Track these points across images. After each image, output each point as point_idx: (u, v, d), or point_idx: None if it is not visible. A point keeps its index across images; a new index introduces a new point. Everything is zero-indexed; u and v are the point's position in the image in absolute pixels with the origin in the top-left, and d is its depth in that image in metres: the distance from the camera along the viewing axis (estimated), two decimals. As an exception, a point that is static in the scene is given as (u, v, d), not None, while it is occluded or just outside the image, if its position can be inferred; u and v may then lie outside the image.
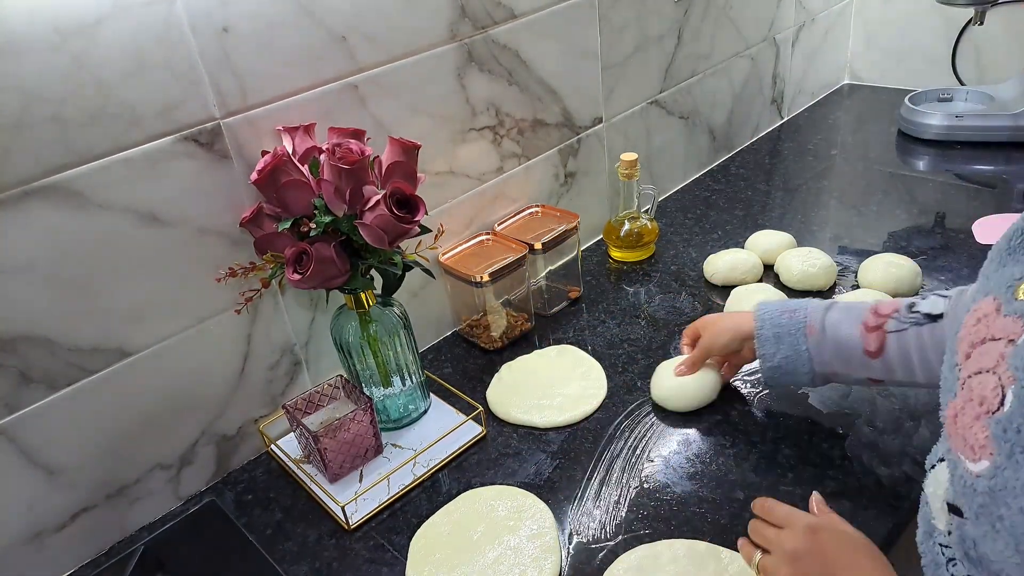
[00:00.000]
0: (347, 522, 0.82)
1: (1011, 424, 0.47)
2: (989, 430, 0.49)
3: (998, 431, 0.48)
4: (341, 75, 0.87)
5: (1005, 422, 0.47)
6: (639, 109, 1.32)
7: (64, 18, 0.67)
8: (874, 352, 0.75)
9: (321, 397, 0.92)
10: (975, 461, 0.50)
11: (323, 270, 0.78)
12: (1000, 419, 0.48)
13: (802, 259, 1.11)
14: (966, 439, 0.51)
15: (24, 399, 0.74)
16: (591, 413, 0.94)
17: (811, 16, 1.68)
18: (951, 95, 1.58)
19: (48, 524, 0.79)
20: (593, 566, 0.74)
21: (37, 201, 0.69)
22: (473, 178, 1.08)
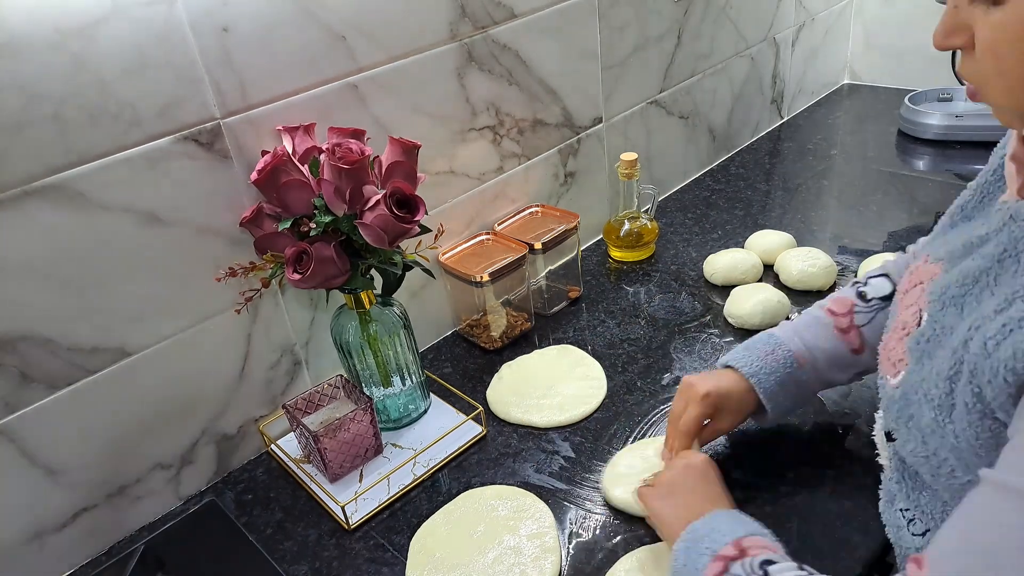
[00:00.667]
0: (347, 522, 0.82)
1: (923, 336, 0.56)
2: (906, 346, 0.58)
3: (912, 344, 0.57)
4: (341, 75, 0.87)
5: (918, 336, 0.57)
6: (639, 109, 1.32)
7: (64, 18, 0.67)
8: (858, 348, 0.78)
9: (321, 397, 0.92)
10: (895, 375, 0.58)
11: (323, 270, 0.78)
12: (915, 335, 0.57)
13: (802, 259, 1.11)
14: (889, 357, 0.60)
15: (24, 399, 0.74)
16: (591, 413, 0.94)
17: (811, 16, 1.68)
18: (951, 95, 1.58)
19: (48, 524, 0.79)
20: (593, 566, 0.74)
21: (37, 201, 0.69)
22: (473, 178, 1.08)
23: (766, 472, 0.82)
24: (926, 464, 0.58)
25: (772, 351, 0.78)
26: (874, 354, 0.76)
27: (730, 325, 1.06)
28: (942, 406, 0.53)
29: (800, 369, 0.78)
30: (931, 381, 0.54)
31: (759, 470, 0.82)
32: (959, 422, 0.52)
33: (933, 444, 0.56)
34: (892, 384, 0.59)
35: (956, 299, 0.55)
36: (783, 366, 0.78)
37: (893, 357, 0.60)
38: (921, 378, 0.55)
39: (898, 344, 0.60)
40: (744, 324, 1.04)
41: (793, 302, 1.08)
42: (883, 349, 0.63)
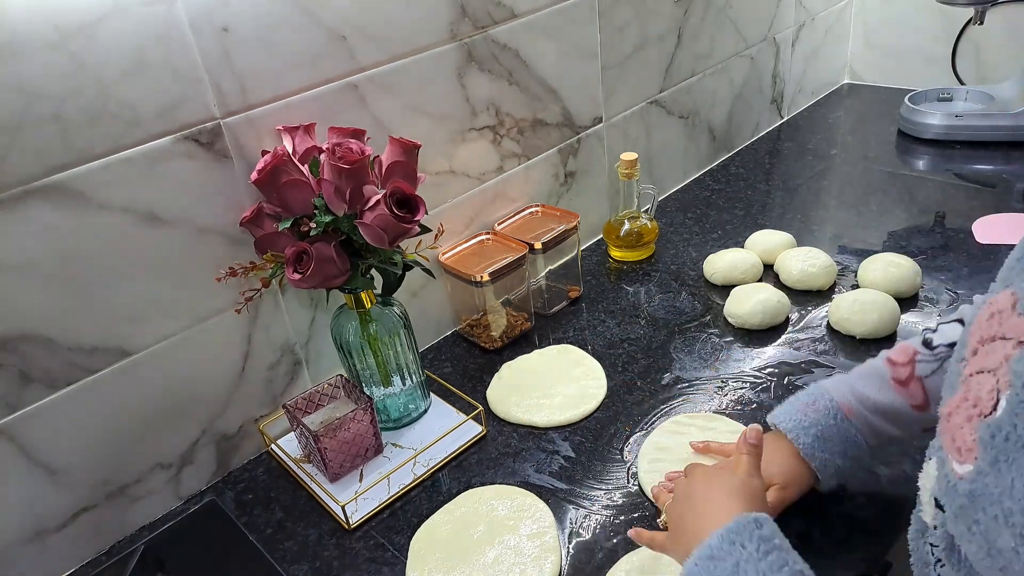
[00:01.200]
0: (347, 521, 0.82)
1: (1000, 430, 0.46)
2: (978, 433, 0.47)
3: (986, 435, 0.46)
4: (341, 75, 0.87)
5: (994, 427, 0.46)
6: (639, 109, 1.32)
7: (64, 17, 0.67)
8: (921, 404, 0.70)
9: (321, 396, 0.92)
10: (961, 463, 0.49)
11: (323, 270, 0.78)
12: (990, 423, 0.46)
13: (802, 259, 1.11)
14: (955, 439, 0.50)
15: (24, 398, 0.74)
16: (591, 412, 0.94)
17: (811, 16, 1.68)
18: (951, 95, 1.58)
19: (48, 523, 0.79)
20: (593, 565, 0.74)
21: (37, 201, 0.69)
22: (473, 178, 1.08)
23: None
24: (988, 570, 0.49)
25: (813, 402, 0.73)
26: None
27: (730, 325, 1.06)
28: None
29: (847, 421, 0.71)
30: (1013, 501, 0.44)
31: (759, 470, 0.82)
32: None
33: (1002, 561, 0.46)
34: (956, 472, 0.49)
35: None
36: (825, 416, 0.71)
37: (959, 440, 0.49)
38: (999, 489, 0.45)
39: (967, 424, 0.49)
40: (744, 324, 1.04)
41: (793, 302, 1.08)
42: (945, 417, 0.52)
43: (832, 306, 1.03)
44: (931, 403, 0.68)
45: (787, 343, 1.01)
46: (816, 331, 1.02)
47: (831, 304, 1.03)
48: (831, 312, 1.02)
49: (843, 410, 0.71)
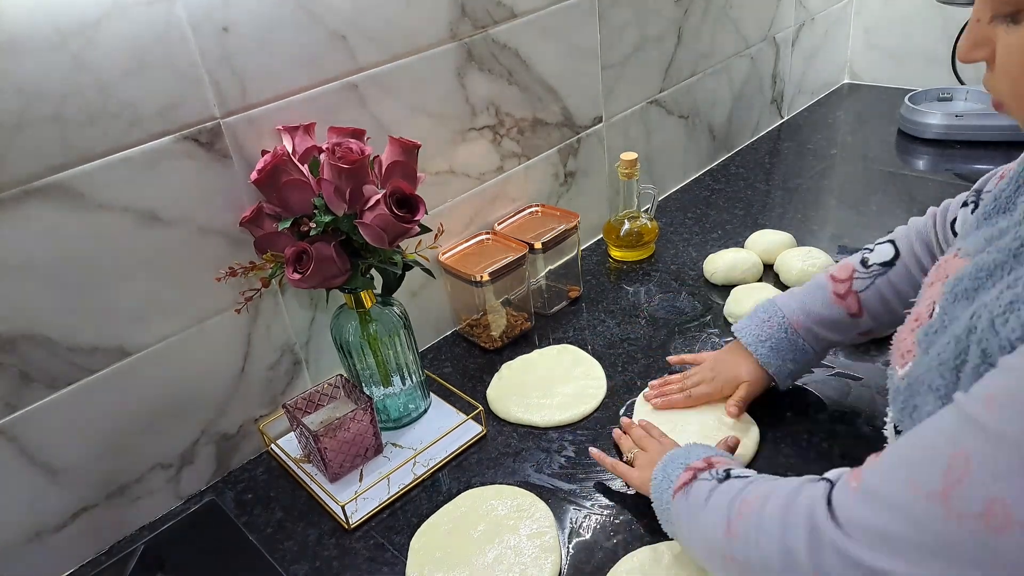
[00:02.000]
0: (347, 521, 0.82)
1: (931, 328, 0.55)
2: (915, 337, 0.57)
3: (921, 335, 0.56)
4: (341, 74, 0.87)
5: (927, 327, 0.56)
6: (639, 108, 1.32)
7: (64, 17, 0.67)
8: (856, 312, 0.81)
9: (321, 396, 0.92)
10: (902, 366, 0.58)
11: (323, 269, 0.78)
12: (925, 327, 0.56)
13: (802, 258, 1.11)
14: (899, 349, 0.60)
15: (24, 398, 0.74)
16: (591, 412, 0.94)
17: (811, 16, 1.68)
18: (951, 94, 1.58)
19: (48, 523, 0.79)
20: (593, 565, 0.74)
21: (37, 201, 0.69)
22: (473, 177, 1.08)
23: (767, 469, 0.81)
24: None
25: (768, 318, 0.86)
26: (873, 317, 0.81)
27: (730, 324, 1.06)
28: (947, 396, 0.52)
29: (795, 333, 0.84)
30: (935, 370, 0.53)
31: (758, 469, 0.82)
32: None
33: None
34: (899, 376, 0.59)
35: (968, 292, 0.54)
36: (777, 331, 0.85)
37: (902, 348, 0.60)
38: (926, 368, 0.54)
39: (908, 335, 0.59)
40: None
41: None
42: (895, 340, 0.63)
43: (832, 306, 1.03)
44: (864, 311, 0.81)
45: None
46: (816, 331, 1.02)
47: (831, 304, 1.03)
48: (831, 312, 1.02)
49: (792, 324, 0.85)
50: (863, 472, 0.49)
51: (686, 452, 0.72)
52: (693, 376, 0.91)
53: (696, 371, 0.92)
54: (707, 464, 0.67)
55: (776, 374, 0.86)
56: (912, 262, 0.79)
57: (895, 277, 0.79)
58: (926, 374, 0.54)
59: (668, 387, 0.92)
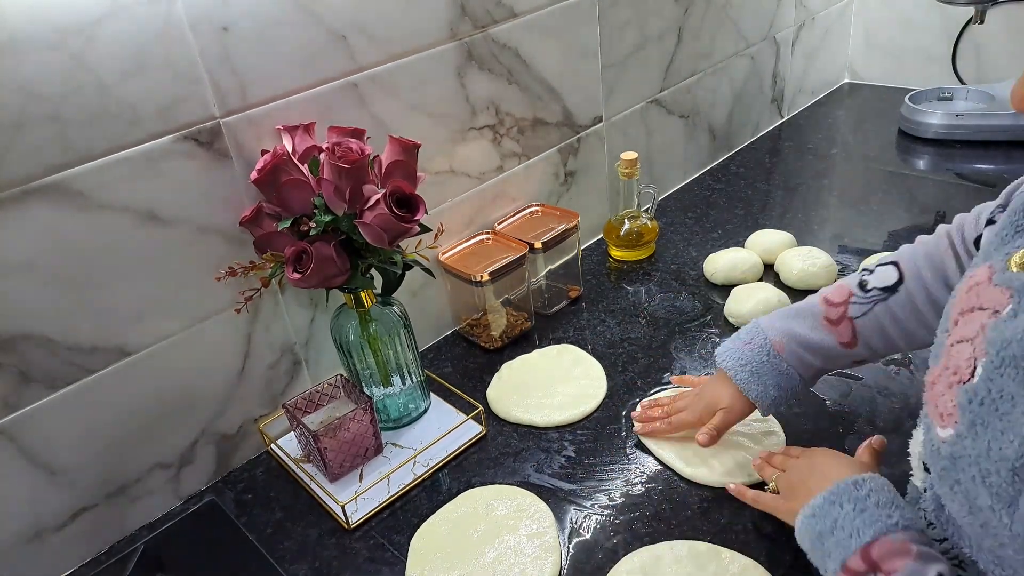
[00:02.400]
0: (347, 521, 0.82)
1: (976, 395, 0.49)
2: (957, 399, 0.50)
3: (964, 400, 0.49)
4: (341, 74, 0.87)
5: (971, 392, 0.49)
6: (639, 108, 1.32)
7: (64, 17, 0.66)
8: (849, 342, 0.74)
9: (321, 396, 0.92)
10: (943, 427, 0.51)
11: (323, 269, 0.78)
12: (967, 389, 0.49)
13: (802, 258, 1.11)
14: (938, 405, 0.52)
15: (24, 398, 0.74)
16: (591, 412, 0.94)
17: (811, 15, 1.68)
18: (951, 94, 1.58)
19: (48, 523, 0.79)
20: (593, 565, 0.74)
21: (37, 200, 0.69)
22: (473, 177, 1.08)
23: (766, 471, 0.82)
24: (970, 527, 0.52)
25: (750, 340, 0.78)
26: (868, 347, 0.74)
27: (730, 324, 1.06)
28: (1001, 496, 0.46)
29: (778, 357, 0.76)
30: (989, 462, 0.47)
31: (759, 469, 0.82)
32: (1021, 521, 0.45)
33: (981, 519, 0.49)
34: (940, 437, 0.52)
35: (1020, 362, 0.46)
36: (759, 354, 0.77)
37: (941, 406, 0.52)
38: (976, 452, 0.48)
39: (948, 391, 0.52)
40: (744, 323, 1.04)
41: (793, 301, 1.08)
42: (929, 386, 0.55)
43: (832, 306, 1.02)
44: (859, 341, 0.73)
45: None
46: (816, 331, 1.02)
47: (831, 304, 1.03)
48: (831, 312, 1.02)
49: (775, 347, 0.76)
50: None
51: (832, 525, 0.60)
52: (679, 401, 0.87)
53: (683, 395, 0.88)
54: (868, 567, 0.56)
55: (757, 400, 0.77)
56: (917, 288, 0.71)
57: (896, 305, 0.71)
58: (976, 460, 0.48)
59: (654, 411, 0.88)
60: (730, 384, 0.79)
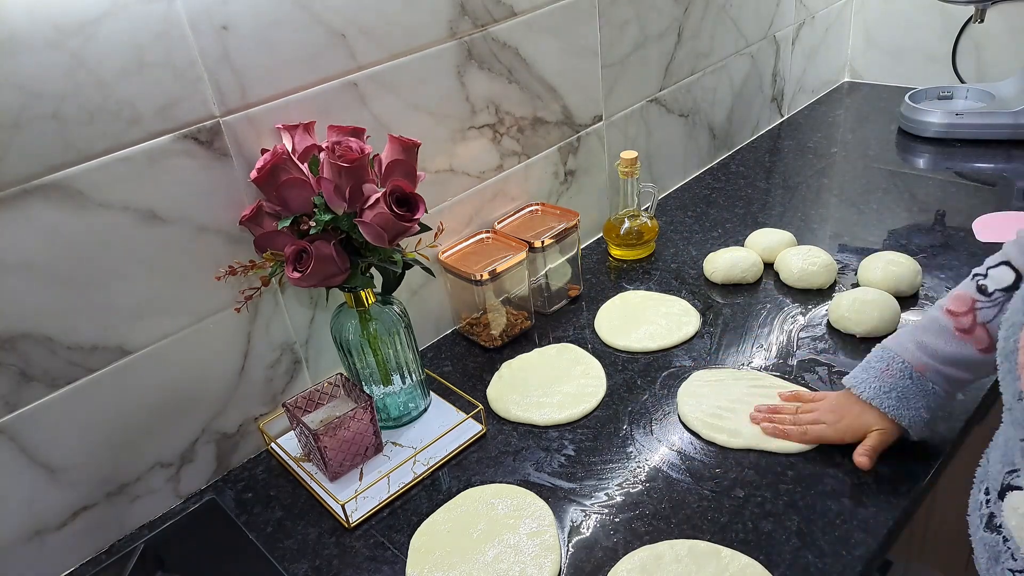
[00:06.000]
0: (347, 520, 0.82)
1: None
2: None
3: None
4: (341, 73, 0.87)
5: None
6: (639, 107, 1.32)
7: (63, 16, 0.66)
8: (987, 348, 0.73)
9: (321, 395, 0.92)
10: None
11: (323, 268, 0.78)
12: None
13: (802, 257, 1.11)
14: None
15: (24, 397, 0.74)
16: (591, 411, 0.94)
17: (811, 14, 1.68)
18: (951, 93, 1.58)
19: (48, 522, 0.79)
20: (593, 564, 0.74)
21: (36, 199, 0.69)
22: (473, 176, 1.08)
23: (766, 470, 0.82)
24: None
25: (887, 366, 0.78)
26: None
27: (731, 325, 1.06)
28: None
29: (922, 378, 0.76)
30: None
31: (759, 468, 0.82)
32: None
33: None
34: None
35: None
36: (901, 379, 0.77)
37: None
38: None
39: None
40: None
41: (793, 301, 1.08)
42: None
43: (832, 305, 1.03)
44: (995, 344, 0.69)
45: (786, 343, 1.01)
46: (816, 329, 1.02)
47: (831, 303, 1.03)
48: (831, 311, 1.02)
49: (916, 369, 0.76)
50: None
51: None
52: (811, 413, 0.84)
53: (815, 407, 0.84)
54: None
55: (911, 425, 0.77)
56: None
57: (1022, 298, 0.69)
58: None
59: (780, 416, 0.86)
60: (874, 410, 0.78)
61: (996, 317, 0.71)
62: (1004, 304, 0.71)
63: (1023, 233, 0.72)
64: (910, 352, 0.77)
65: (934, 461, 0.80)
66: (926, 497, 0.81)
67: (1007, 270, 0.71)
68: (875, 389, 0.78)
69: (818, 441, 0.82)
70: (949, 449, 0.81)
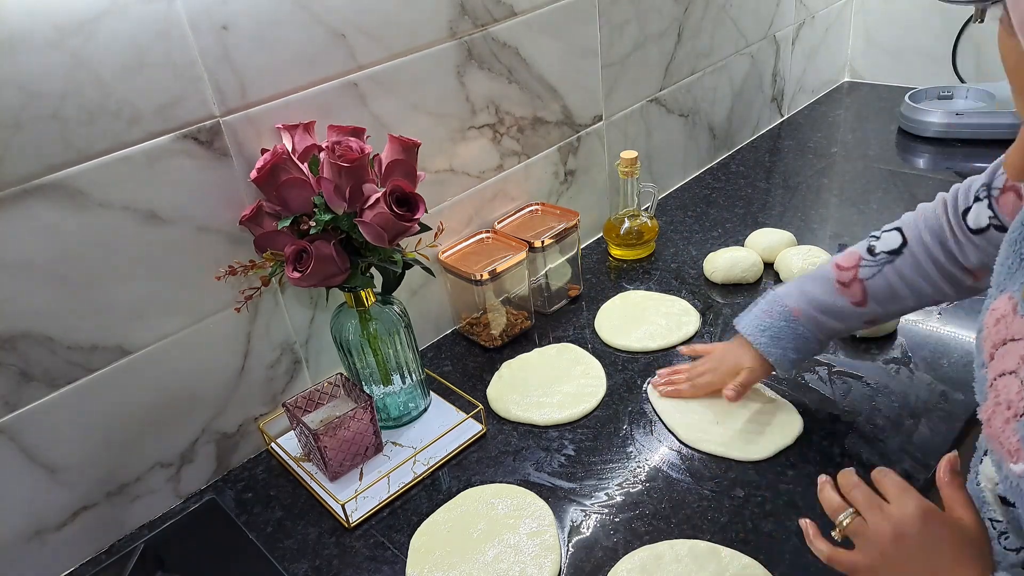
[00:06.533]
0: (347, 520, 0.82)
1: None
2: (1019, 434, 0.50)
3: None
4: (341, 73, 0.87)
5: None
6: (639, 107, 1.32)
7: (63, 15, 0.66)
8: (860, 301, 0.80)
9: (321, 395, 0.92)
10: (1015, 463, 0.50)
11: (323, 268, 0.78)
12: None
13: (802, 257, 1.11)
14: (1002, 442, 0.52)
15: (24, 397, 0.74)
16: (591, 411, 0.94)
17: (811, 14, 1.68)
18: (951, 93, 1.58)
19: (49, 522, 0.79)
20: (593, 564, 0.74)
21: (37, 199, 0.69)
22: (473, 176, 1.08)
23: (766, 470, 0.82)
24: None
25: (769, 308, 0.85)
26: (879, 304, 0.79)
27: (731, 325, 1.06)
28: None
29: (795, 321, 0.83)
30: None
31: (759, 468, 0.82)
32: None
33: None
34: (1016, 472, 0.50)
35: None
36: (777, 320, 0.84)
37: (1007, 443, 0.51)
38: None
39: (1006, 427, 0.51)
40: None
41: (793, 300, 1.08)
42: (986, 423, 0.54)
43: (832, 304, 1.03)
44: (868, 299, 0.80)
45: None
46: (816, 329, 1.02)
47: (831, 302, 1.03)
48: (831, 310, 1.02)
49: (793, 313, 0.83)
50: None
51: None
52: (699, 366, 0.93)
53: (701, 361, 0.93)
54: None
55: (777, 363, 0.85)
56: (920, 250, 0.77)
57: (902, 265, 0.78)
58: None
59: (676, 376, 0.94)
60: (750, 348, 0.86)
61: (874, 276, 0.79)
62: (884, 266, 0.78)
63: (923, 206, 0.80)
64: (792, 297, 0.84)
65: (933, 461, 0.80)
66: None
67: (897, 235, 0.79)
68: (753, 327, 0.85)
69: (707, 389, 0.90)
70: (948, 449, 0.81)
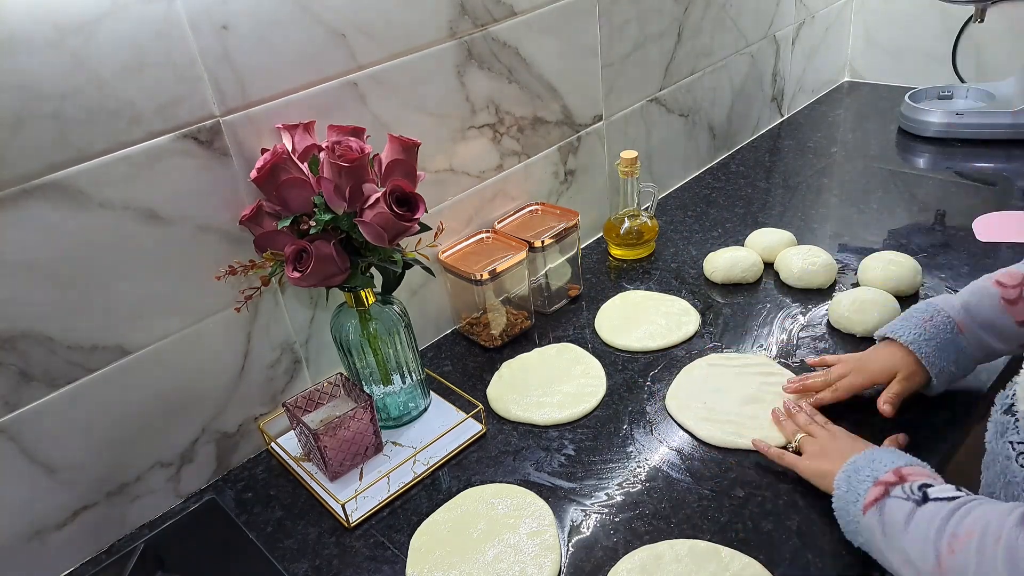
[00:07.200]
0: (347, 520, 0.82)
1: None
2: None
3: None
4: (341, 73, 0.87)
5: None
6: (639, 107, 1.32)
7: (63, 15, 0.66)
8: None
9: (321, 395, 0.92)
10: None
11: (323, 268, 0.78)
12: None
13: (802, 257, 1.11)
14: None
15: (24, 397, 0.74)
16: (591, 411, 0.94)
17: (811, 14, 1.68)
18: (951, 92, 1.58)
19: (48, 522, 0.79)
20: (593, 564, 0.74)
21: (36, 199, 0.69)
22: (473, 176, 1.08)
23: (767, 469, 0.82)
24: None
25: (931, 318, 0.82)
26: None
27: (731, 325, 1.06)
28: None
29: (960, 335, 0.80)
30: None
31: (759, 468, 0.82)
32: None
33: None
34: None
35: None
36: (942, 331, 0.80)
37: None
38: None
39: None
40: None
41: (793, 300, 1.08)
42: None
43: (832, 304, 1.03)
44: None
45: (786, 342, 1.01)
46: (816, 329, 1.02)
47: (831, 302, 1.03)
48: (831, 310, 1.02)
49: (958, 326, 0.80)
50: None
51: (870, 461, 0.69)
52: (836, 369, 0.87)
53: (839, 366, 0.87)
54: (898, 478, 0.65)
55: (938, 374, 0.80)
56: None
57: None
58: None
59: (810, 382, 0.87)
60: (906, 356, 0.82)
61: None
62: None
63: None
64: (955, 309, 0.81)
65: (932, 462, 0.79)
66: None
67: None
68: (915, 335, 0.81)
69: (850, 392, 0.84)
70: (948, 449, 0.81)
